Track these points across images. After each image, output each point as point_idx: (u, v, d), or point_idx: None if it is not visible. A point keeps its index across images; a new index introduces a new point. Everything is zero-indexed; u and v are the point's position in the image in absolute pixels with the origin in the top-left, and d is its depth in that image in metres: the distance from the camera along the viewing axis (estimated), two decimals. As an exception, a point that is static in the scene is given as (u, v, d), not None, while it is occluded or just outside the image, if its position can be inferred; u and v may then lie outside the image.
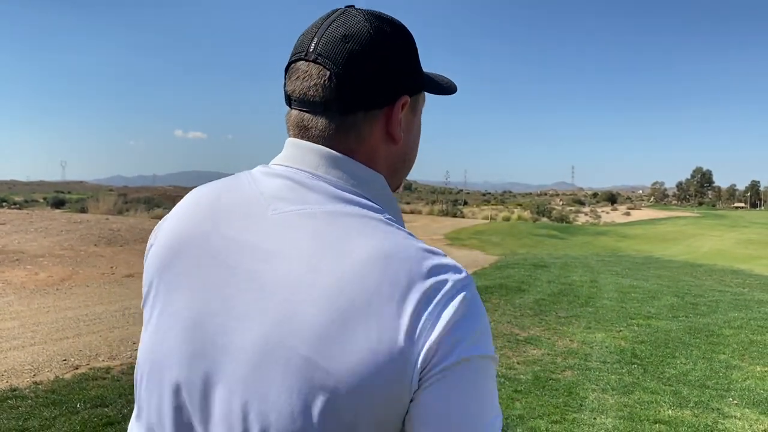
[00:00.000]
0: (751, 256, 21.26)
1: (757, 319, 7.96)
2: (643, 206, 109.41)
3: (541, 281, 10.51)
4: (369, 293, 0.64)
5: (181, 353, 0.72)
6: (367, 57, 0.76)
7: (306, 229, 0.70)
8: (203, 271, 0.73)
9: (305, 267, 0.67)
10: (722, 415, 4.42)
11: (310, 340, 0.64)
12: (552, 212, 52.60)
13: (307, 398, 0.63)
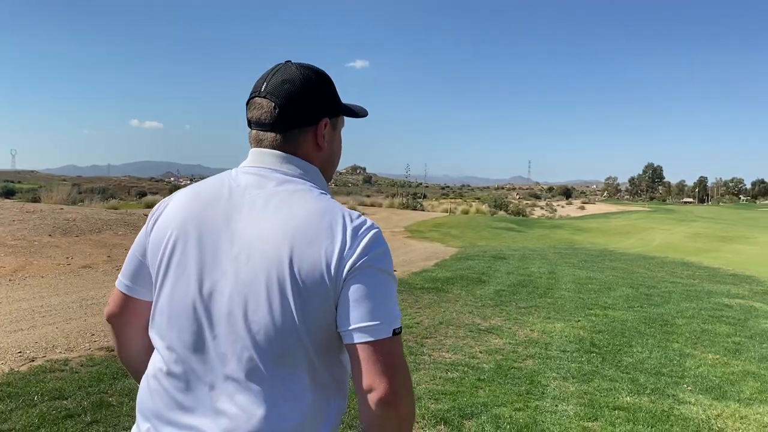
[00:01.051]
0: (699, 249, 21.95)
1: (707, 309, 8.24)
2: (597, 201, 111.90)
3: (500, 272, 10.66)
4: (315, 231, 1.13)
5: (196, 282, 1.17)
6: (298, 94, 1.24)
7: (272, 201, 1.18)
8: (207, 237, 1.19)
9: (274, 221, 1.15)
10: (678, 401, 4.57)
11: (281, 259, 1.11)
12: (509, 206, 53.39)
13: (282, 291, 1.11)
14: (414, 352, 5.47)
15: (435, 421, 3.93)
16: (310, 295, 1.12)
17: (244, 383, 1.14)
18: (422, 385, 4.61)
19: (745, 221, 53.45)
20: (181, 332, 1.19)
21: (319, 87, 1.29)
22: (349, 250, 1.12)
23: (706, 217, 57.68)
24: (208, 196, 1.24)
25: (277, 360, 1.14)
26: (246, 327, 1.13)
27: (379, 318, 1.12)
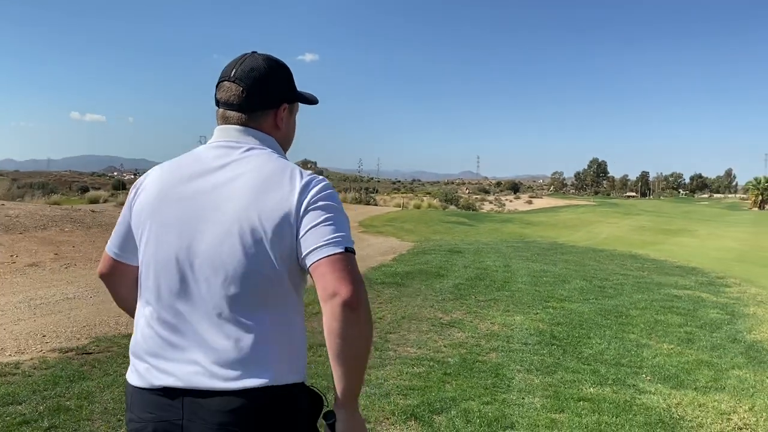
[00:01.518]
0: (645, 242, 22.66)
1: (658, 300, 8.49)
2: (544, 195, 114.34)
3: (457, 266, 10.73)
4: (276, 183, 1.38)
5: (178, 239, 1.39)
6: (262, 81, 1.49)
7: (240, 165, 1.42)
8: (184, 203, 1.41)
9: (242, 180, 1.39)
10: (638, 391, 4.67)
11: (250, 209, 1.34)
12: (459, 200, 54.00)
13: (254, 234, 1.34)
14: (378, 348, 5.43)
15: (405, 416, 3.91)
16: (276, 233, 1.35)
17: (229, 317, 1.35)
18: (390, 381, 4.58)
19: (685, 215, 55.54)
20: (168, 282, 1.40)
21: (281, 76, 1.56)
22: (305, 192, 1.38)
23: (648, 210, 59.68)
24: (183, 168, 1.48)
25: (255, 293, 1.36)
26: (226, 269, 1.35)
27: (334, 238, 1.34)
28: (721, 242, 24.55)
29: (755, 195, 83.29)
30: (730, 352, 5.88)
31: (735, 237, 28.31)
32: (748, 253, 19.62)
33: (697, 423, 4.07)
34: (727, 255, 18.29)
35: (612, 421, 4.01)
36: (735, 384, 4.90)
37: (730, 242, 24.70)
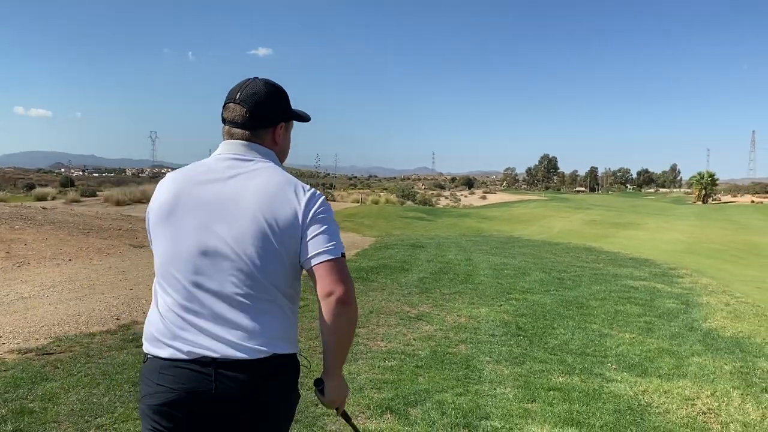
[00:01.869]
0: (597, 235, 23.23)
1: (616, 291, 8.71)
2: (498, 190, 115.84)
3: (421, 260, 10.77)
4: (285, 194, 1.66)
5: (197, 236, 1.66)
6: (263, 103, 1.77)
7: (250, 176, 1.70)
8: (202, 205, 1.68)
9: (254, 188, 1.67)
10: (605, 379, 4.77)
11: (264, 213, 1.63)
12: (416, 196, 54.20)
13: (266, 236, 1.63)
14: (348, 342, 5.40)
15: (381, 410, 3.89)
16: (286, 235, 1.66)
17: (243, 304, 1.66)
18: (362, 375, 4.56)
19: (633, 209, 57.17)
20: (189, 274, 1.67)
21: (279, 99, 1.83)
22: (310, 205, 1.68)
23: (598, 205, 61.16)
24: (199, 175, 1.74)
25: (266, 283, 1.67)
26: (243, 263, 1.65)
27: (332, 245, 1.67)
28: (670, 235, 25.37)
29: (699, 189, 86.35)
30: (688, 340, 6.08)
31: (682, 230, 29.31)
32: (695, 245, 20.34)
33: (663, 409, 4.19)
34: (677, 247, 18.92)
35: (583, 410, 4.08)
36: (696, 371, 5.06)
37: (678, 235, 25.56)
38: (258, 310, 1.67)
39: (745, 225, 37.59)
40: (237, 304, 1.66)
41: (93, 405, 3.72)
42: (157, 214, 1.73)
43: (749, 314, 7.47)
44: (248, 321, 1.66)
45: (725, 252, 18.56)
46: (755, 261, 16.18)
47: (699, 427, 3.90)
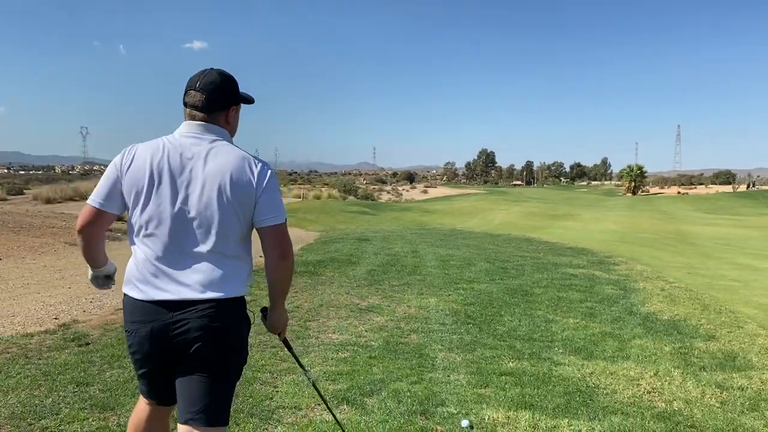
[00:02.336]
0: (535, 226, 23.82)
1: (558, 278, 8.95)
2: (438, 185, 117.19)
3: (368, 253, 10.78)
4: (242, 168, 2.10)
5: (172, 202, 2.09)
6: (218, 90, 2.18)
7: (211, 152, 2.12)
8: (175, 174, 2.09)
9: (216, 163, 2.09)
10: (554, 363, 4.90)
11: (225, 183, 2.06)
12: (358, 191, 54.22)
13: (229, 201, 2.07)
14: (300, 336, 5.35)
15: (337, 401, 3.87)
16: (243, 202, 2.10)
17: (209, 254, 2.11)
18: (316, 367, 4.52)
19: (567, 201, 58.92)
20: (168, 229, 2.10)
21: (230, 86, 2.25)
22: (262, 177, 2.13)
23: (535, 197, 62.72)
24: (167, 150, 2.14)
25: (225, 240, 2.11)
26: (208, 223, 2.09)
27: (278, 212, 2.16)
28: (603, 225, 26.28)
29: (629, 181, 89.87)
30: (629, 323, 6.31)
31: (615, 220, 30.41)
32: (628, 235, 21.14)
33: (611, 390, 4.33)
34: (611, 236, 19.61)
35: (534, 393, 4.17)
36: (638, 352, 5.26)
37: (611, 225, 26.50)
38: (219, 263, 2.12)
39: (673, 215, 39.34)
40: (202, 258, 2.11)
41: (35, 407, 3.55)
42: (134, 181, 2.12)
43: (683, 298, 7.82)
44: (210, 271, 2.11)
45: (656, 240, 19.37)
46: (684, 248, 16.95)
47: (645, 405, 4.05)
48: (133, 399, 3.68)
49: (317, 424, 3.53)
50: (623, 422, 3.71)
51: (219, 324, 2.10)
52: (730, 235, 23.56)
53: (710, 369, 4.86)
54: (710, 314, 6.90)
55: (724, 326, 6.33)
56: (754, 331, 6.20)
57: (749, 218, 37.80)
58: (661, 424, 3.71)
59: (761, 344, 5.67)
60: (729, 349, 5.47)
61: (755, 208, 49.15)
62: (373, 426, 3.50)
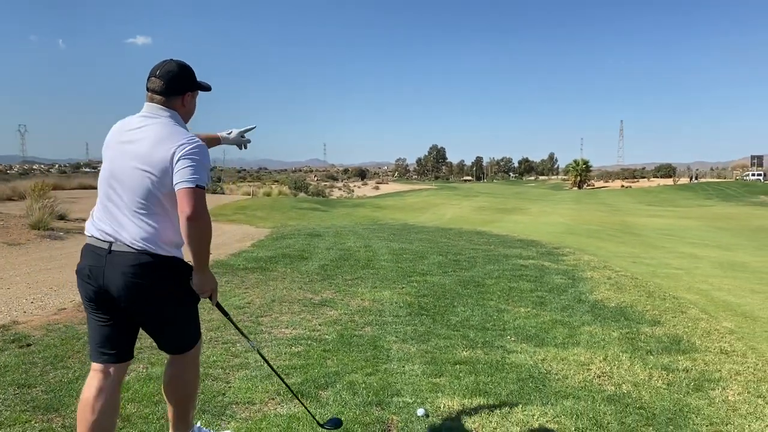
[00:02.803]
0: (485, 220, 24.17)
1: (508, 269, 9.07)
2: (390, 181, 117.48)
3: (320, 249, 10.69)
4: (167, 139, 2.49)
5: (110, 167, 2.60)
6: (175, 77, 2.63)
7: (154, 127, 2.55)
8: (120, 145, 2.59)
9: (152, 134, 2.52)
10: (507, 351, 4.96)
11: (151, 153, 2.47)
12: (309, 187, 53.84)
13: (151, 168, 2.46)
14: (252, 332, 5.25)
15: (291, 395, 3.81)
16: (161, 171, 2.45)
17: (137, 216, 2.49)
18: (270, 362, 4.44)
19: (516, 195, 59.99)
20: (108, 190, 2.57)
21: (186, 74, 2.68)
22: (182, 147, 2.46)
23: (485, 192, 63.64)
24: (124, 125, 2.63)
25: (149, 205, 2.49)
26: (134, 189, 2.48)
27: (190, 177, 2.41)
28: (551, 218, 26.87)
29: (575, 176, 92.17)
30: (578, 311, 6.44)
31: (562, 213, 31.12)
32: (575, 227, 21.66)
33: (562, 375, 4.41)
34: (558, 229, 20.05)
35: (488, 380, 4.21)
36: (587, 339, 5.37)
37: (558, 218, 27.11)
38: (144, 221, 2.49)
39: (617, 207, 40.51)
40: (132, 214, 2.50)
41: (-28, 412, 3.37)
42: (103, 149, 2.66)
43: (629, 286, 8.04)
44: (138, 225, 2.49)
45: (602, 232, 19.90)
46: (629, 239, 17.47)
47: (595, 389, 4.13)
48: (78, 400, 3.54)
49: (271, 418, 3.47)
50: (575, 406, 3.78)
51: (140, 278, 2.50)
52: (671, 225, 24.43)
53: (656, 353, 5.01)
54: (655, 301, 7.12)
55: (669, 312, 6.54)
56: (696, 315, 6.42)
57: (690, 209, 39.29)
58: (612, 407, 3.79)
59: (703, 328, 5.87)
60: (673, 333, 5.65)
61: (695, 200, 51.11)
62: (329, 418, 3.46)
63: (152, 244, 2.47)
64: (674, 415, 3.70)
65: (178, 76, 2.62)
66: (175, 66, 2.64)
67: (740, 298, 7.81)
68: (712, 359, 4.87)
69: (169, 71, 2.61)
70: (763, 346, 5.39)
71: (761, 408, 3.86)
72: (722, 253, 13.99)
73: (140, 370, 4.23)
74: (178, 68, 2.64)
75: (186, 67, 2.67)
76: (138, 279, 2.45)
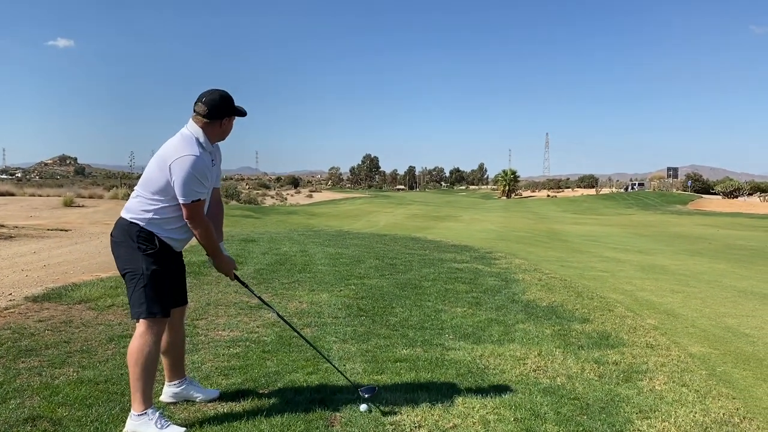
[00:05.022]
0: (419, 227, 24.44)
1: (444, 272, 9.22)
2: (323, 189, 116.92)
3: (255, 254, 10.53)
4: (173, 150, 3.23)
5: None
6: (216, 103, 3.32)
7: (177, 138, 3.33)
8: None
9: (163, 147, 3.32)
10: (445, 348, 5.03)
11: (158, 157, 3.27)
12: (240, 195, 52.88)
13: (155, 168, 3.25)
14: (188, 334, 5.10)
15: (231, 395, 3.74)
16: (161, 173, 3.21)
17: (138, 195, 3.31)
18: (207, 364, 4.36)
19: (448, 204, 60.94)
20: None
21: (227, 102, 3.34)
22: (172, 165, 3.15)
23: (417, 201, 64.33)
24: None
25: (151, 192, 3.25)
26: (144, 179, 3.30)
27: (179, 194, 3.17)
28: (482, 225, 27.43)
29: (503, 186, 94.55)
30: (512, 310, 6.61)
31: (492, 220, 31.85)
32: (505, 233, 22.19)
33: (499, 369, 4.51)
34: (490, 235, 20.50)
35: (428, 377, 4.27)
36: (522, 336, 5.52)
37: (489, 225, 27.71)
38: (143, 203, 3.26)
39: (544, 215, 41.81)
40: (136, 195, 3.30)
41: None
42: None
43: (559, 287, 8.32)
44: (135, 204, 3.28)
45: (531, 238, 20.49)
46: (556, 244, 18.06)
47: (531, 382, 4.25)
48: (14, 400, 3.36)
49: (210, 418, 3.40)
50: (513, 398, 3.88)
51: (119, 237, 3.32)
52: (595, 232, 25.42)
53: (587, 347, 5.20)
54: (584, 300, 7.40)
55: (597, 310, 6.81)
56: (622, 313, 6.72)
57: (611, 217, 41.00)
58: (548, 398, 3.91)
59: (630, 324, 6.15)
60: (602, 329, 5.89)
61: (616, 209, 53.39)
62: (273, 416, 3.41)
63: (137, 216, 3.27)
64: (606, 404, 3.86)
65: (220, 103, 3.32)
66: (218, 95, 3.32)
67: (661, 297, 8.22)
68: (639, 353, 5.10)
69: (213, 98, 3.31)
70: (684, 340, 5.70)
71: (685, 395, 4.08)
72: (643, 257, 14.67)
73: (71, 373, 4.04)
74: (219, 97, 3.32)
75: (226, 97, 3.35)
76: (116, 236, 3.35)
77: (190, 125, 3.28)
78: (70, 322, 5.46)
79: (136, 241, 3.23)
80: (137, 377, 3.18)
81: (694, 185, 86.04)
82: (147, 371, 3.19)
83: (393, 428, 3.37)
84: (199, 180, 3.18)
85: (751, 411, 3.88)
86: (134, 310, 3.23)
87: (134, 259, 3.23)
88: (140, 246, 3.23)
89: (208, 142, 3.32)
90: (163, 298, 3.27)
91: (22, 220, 17.90)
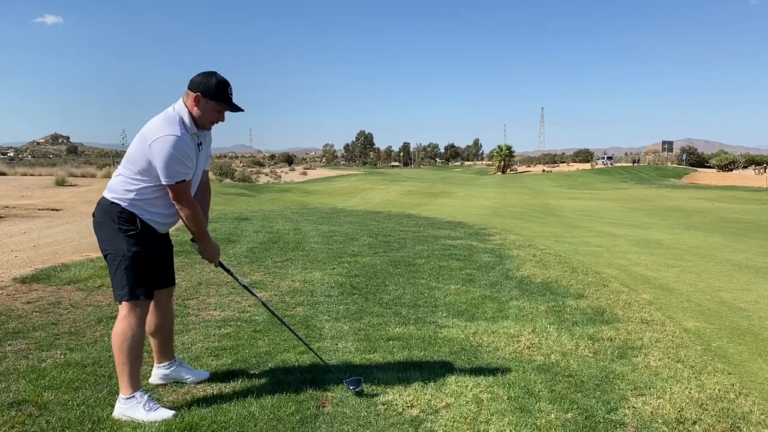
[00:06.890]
0: (413, 204, 24.36)
1: (438, 249, 9.17)
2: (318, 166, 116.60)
3: (248, 232, 10.45)
4: (151, 129, 3.12)
5: None
6: (209, 82, 3.19)
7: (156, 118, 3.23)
8: None
9: (151, 124, 3.18)
10: (438, 326, 4.99)
11: (141, 134, 3.15)
12: (235, 173, 52.56)
13: (137, 145, 3.14)
14: (179, 314, 5.05)
15: (221, 375, 3.69)
16: (141, 152, 3.10)
17: (120, 173, 3.21)
18: (197, 344, 4.30)
19: (443, 180, 60.83)
20: None
21: (221, 85, 3.21)
22: (152, 144, 3.04)
23: (412, 177, 64.15)
24: None
25: (128, 171, 3.16)
26: (127, 156, 3.17)
27: (162, 175, 3.07)
28: (477, 201, 27.39)
29: (498, 161, 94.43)
30: (506, 287, 6.57)
31: (487, 196, 31.81)
32: (499, 209, 22.17)
33: (493, 347, 4.47)
34: (484, 211, 20.47)
35: (421, 355, 4.22)
36: (516, 312, 5.49)
37: (484, 201, 27.67)
38: (126, 182, 3.16)
39: (539, 191, 41.79)
40: (118, 174, 3.21)
41: None
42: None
43: (553, 263, 8.28)
44: (116, 183, 3.19)
45: (525, 213, 20.46)
46: (551, 220, 18.03)
47: (525, 359, 4.21)
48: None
49: (199, 400, 3.34)
50: (507, 375, 3.84)
51: (99, 216, 3.25)
52: (590, 207, 25.41)
53: (582, 324, 5.17)
54: (578, 276, 7.36)
55: (591, 285, 6.78)
56: (617, 288, 6.69)
57: (606, 192, 41.03)
58: (542, 376, 3.87)
59: (624, 300, 6.12)
60: (597, 305, 5.85)
61: (611, 183, 53.43)
62: (263, 397, 3.36)
63: (117, 195, 3.18)
64: (601, 381, 3.82)
65: (197, 80, 3.18)
66: (198, 76, 3.21)
67: (656, 272, 8.20)
68: (634, 328, 5.07)
69: (194, 80, 3.20)
70: (679, 315, 5.68)
71: (680, 372, 4.05)
72: (638, 231, 14.66)
73: (58, 356, 3.98)
74: (200, 76, 3.20)
75: (209, 74, 3.20)
76: (96, 216, 3.28)
77: (178, 104, 3.16)
78: (59, 303, 5.38)
79: (116, 222, 3.13)
80: (123, 361, 3.13)
81: (689, 159, 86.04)
82: (133, 354, 3.13)
83: (385, 408, 3.32)
84: (180, 160, 3.05)
85: (746, 386, 3.85)
86: (117, 293, 3.15)
87: (115, 240, 3.13)
88: (121, 227, 3.13)
89: (194, 123, 3.16)
90: (146, 280, 3.18)
91: (13, 200, 17.74)
